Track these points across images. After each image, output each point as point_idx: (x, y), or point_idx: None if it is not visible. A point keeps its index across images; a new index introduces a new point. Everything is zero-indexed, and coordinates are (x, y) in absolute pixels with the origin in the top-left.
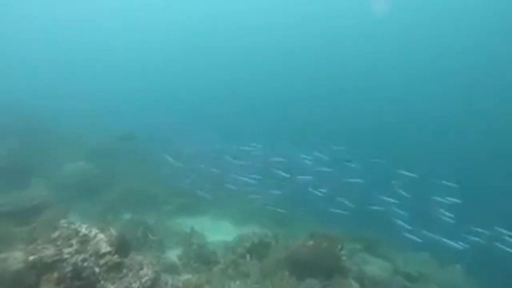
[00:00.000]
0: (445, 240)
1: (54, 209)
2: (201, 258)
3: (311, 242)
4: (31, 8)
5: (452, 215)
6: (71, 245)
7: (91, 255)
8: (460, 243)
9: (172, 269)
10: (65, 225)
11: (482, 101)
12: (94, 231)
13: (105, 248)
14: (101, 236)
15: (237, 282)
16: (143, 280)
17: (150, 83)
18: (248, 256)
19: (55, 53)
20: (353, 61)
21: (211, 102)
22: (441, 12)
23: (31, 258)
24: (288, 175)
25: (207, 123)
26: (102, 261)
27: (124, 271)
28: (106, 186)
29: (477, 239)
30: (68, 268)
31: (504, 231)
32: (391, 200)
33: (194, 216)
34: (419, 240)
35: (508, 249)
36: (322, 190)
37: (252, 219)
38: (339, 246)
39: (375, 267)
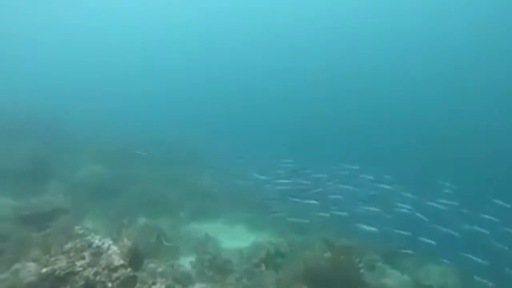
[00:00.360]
0: None
1: (70, 215)
2: (215, 266)
3: (328, 255)
4: (49, 10)
5: None
6: (83, 258)
7: (103, 269)
8: None
9: (186, 278)
10: (80, 231)
11: None
12: (107, 242)
13: (118, 261)
14: (114, 248)
15: None
16: None
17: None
18: (263, 266)
19: (75, 55)
20: None
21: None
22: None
23: (43, 270)
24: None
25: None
26: (115, 275)
27: (137, 285)
28: (122, 189)
29: None
30: (81, 282)
31: None
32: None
33: (209, 220)
34: None
35: None
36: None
37: (267, 224)
38: (358, 259)
39: (394, 281)
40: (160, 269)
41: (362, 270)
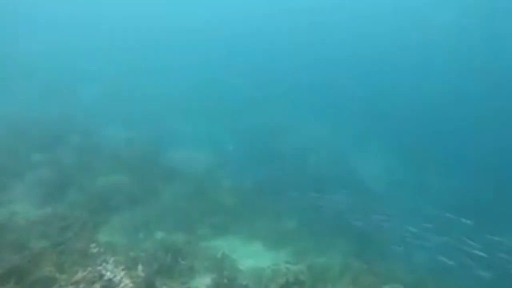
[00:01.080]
0: None
1: (86, 229)
2: None
3: None
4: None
5: None
6: None
7: None
8: None
9: None
10: (95, 250)
11: None
12: (119, 274)
13: None
14: (126, 281)
15: None
16: None
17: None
18: None
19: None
20: None
21: None
22: None
23: None
24: None
25: None
26: None
27: None
28: (141, 200)
29: None
30: None
31: None
32: None
33: (227, 236)
34: None
35: None
36: None
37: (287, 243)
38: None
39: None
40: None
41: None
